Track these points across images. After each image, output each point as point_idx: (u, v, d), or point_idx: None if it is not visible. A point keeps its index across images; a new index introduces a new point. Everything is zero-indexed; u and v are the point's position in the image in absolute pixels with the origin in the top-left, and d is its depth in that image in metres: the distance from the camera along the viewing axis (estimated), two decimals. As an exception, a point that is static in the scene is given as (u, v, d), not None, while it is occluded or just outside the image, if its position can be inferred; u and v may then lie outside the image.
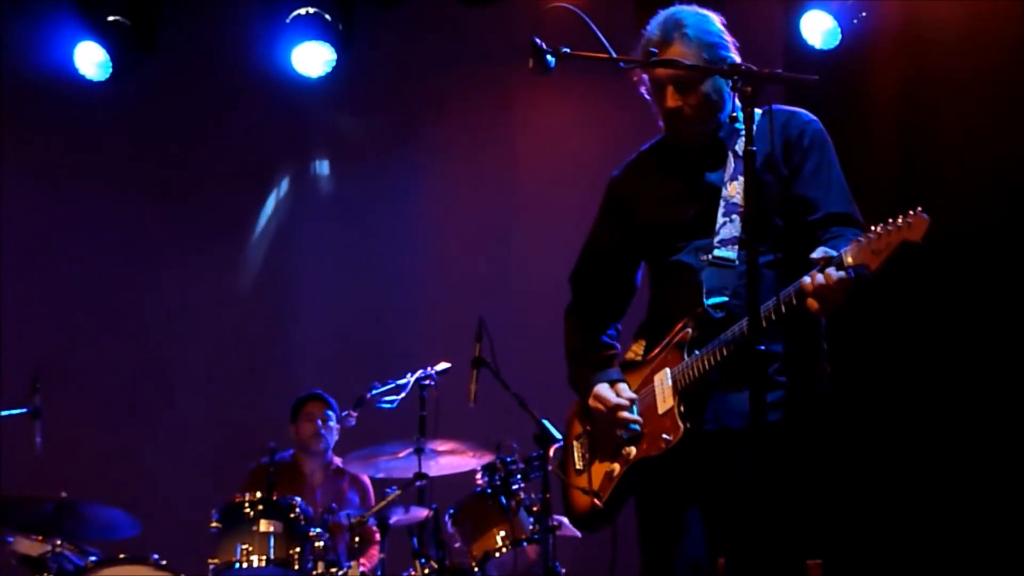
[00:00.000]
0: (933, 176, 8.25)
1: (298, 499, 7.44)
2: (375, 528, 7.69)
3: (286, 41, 9.63)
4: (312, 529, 7.35)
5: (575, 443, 4.93)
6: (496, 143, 10.02)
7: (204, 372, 10.00)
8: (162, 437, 9.75)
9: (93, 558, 7.31)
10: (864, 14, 8.81)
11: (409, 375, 7.59)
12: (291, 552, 7.23)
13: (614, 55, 4.37)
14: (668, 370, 4.50)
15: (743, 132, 4.46)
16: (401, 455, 7.60)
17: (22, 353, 9.54)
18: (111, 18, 9.47)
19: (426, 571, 7.28)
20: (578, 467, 4.85)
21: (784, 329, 4.39)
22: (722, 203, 4.53)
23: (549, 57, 4.48)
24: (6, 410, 7.58)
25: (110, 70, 9.58)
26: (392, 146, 10.26)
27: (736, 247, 4.46)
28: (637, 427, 4.54)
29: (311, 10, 9.43)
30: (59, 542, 7.26)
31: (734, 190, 4.52)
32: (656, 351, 4.61)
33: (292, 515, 7.30)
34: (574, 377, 4.88)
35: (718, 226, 4.51)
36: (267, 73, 9.88)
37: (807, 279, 4.06)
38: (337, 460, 8.56)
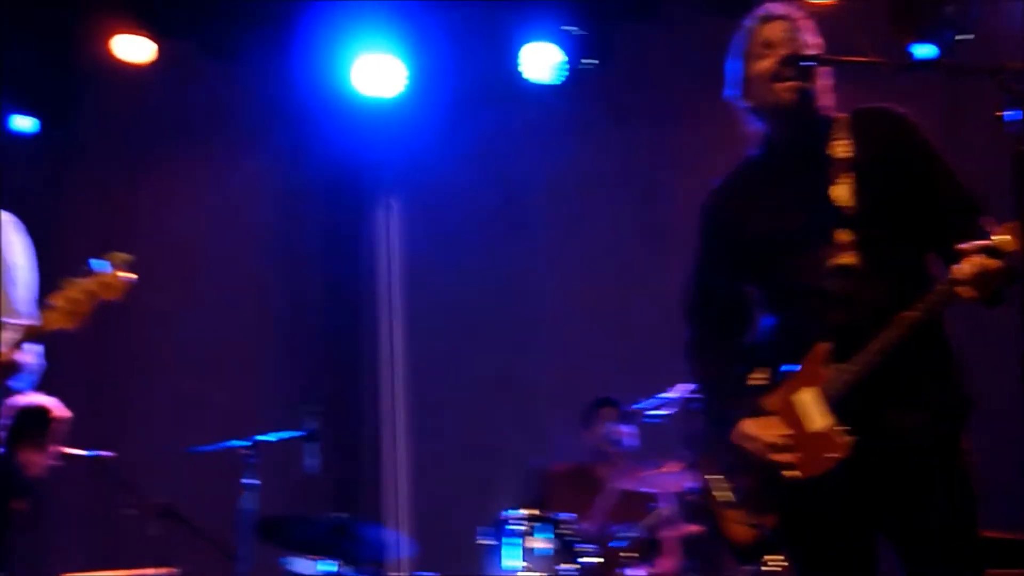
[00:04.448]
0: None
1: (571, 515, 7.46)
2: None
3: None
4: (584, 546, 7.38)
5: (716, 478, 4.69)
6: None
7: (469, 390, 10.14)
8: (434, 455, 9.89)
9: (369, 578, 7.45)
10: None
11: (676, 389, 7.54)
12: (563, 570, 7.26)
13: (866, 58, 4.30)
14: (812, 387, 4.33)
15: (828, 134, 4.46)
16: (669, 470, 7.57)
17: (296, 376, 9.82)
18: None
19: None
20: (729, 501, 4.63)
21: (925, 337, 4.27)
22: (831, 207, 4.38)
23: (802, 64, 4.45)
24: (283, 432, 7.77)
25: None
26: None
27: (854, 251, 4.32)
28: (791, 461, 4.34)
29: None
30: (335, 563, 7.42)
31: (839, 192, 4.38)
32: (790, 370, 4.43)
33: (564, 532, 7.34)
34: (711, 408, 4.74)
35: (833, 232, 4.36)
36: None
37: (963, 265, 3.97)
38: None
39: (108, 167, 10.85)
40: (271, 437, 7.73)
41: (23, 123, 10.30)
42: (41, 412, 7.36)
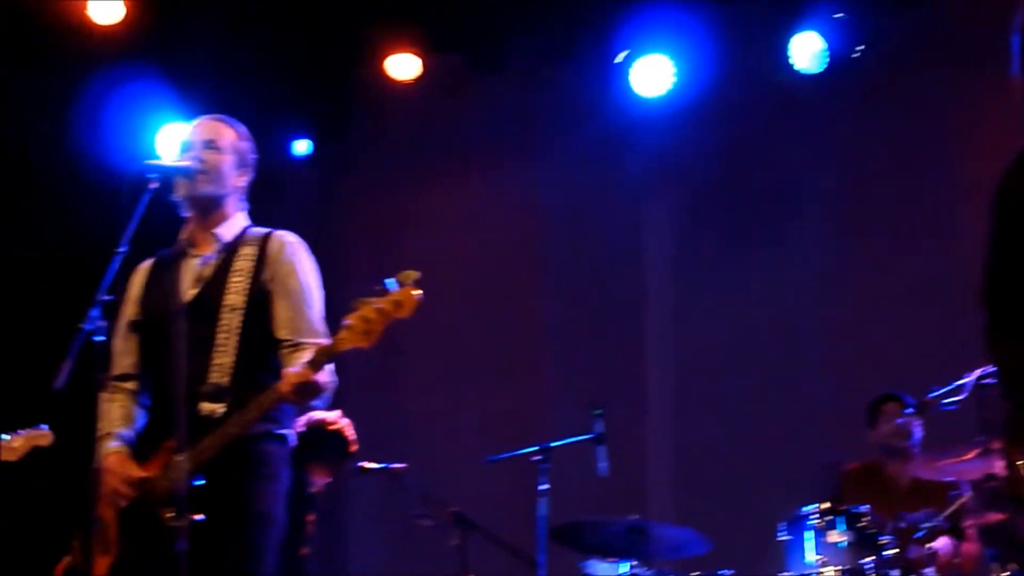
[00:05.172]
0: None
1: (867, 507, 7.35)
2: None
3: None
4: (882, 537, 7.27)
5: (1022, 464, 4.34)
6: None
7: (745, 385, 10.10)
8: (719, 454, 9.87)
9: (667, 578, 7.47)
10: None
11: (969, 375, 7.35)
12: (862, 562, 7.18)
13: None
14: None
15: None
16: (967, 457, 7.39)
17: (575, 380, 9.91)
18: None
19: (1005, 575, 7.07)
20: None
21: None
22: None
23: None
24: (573, 437, 7.81)
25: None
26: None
27: None
28: None
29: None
30: (632, 563, 7.45)
31: None
32: None
33: (861, 524, 7.25)
34: (1014, 395, 4.36)
35: None
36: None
37: None
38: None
39: (380, 185, 11.08)
40: (560, 442, 7.79)
41: (301, 147, 10.61)
42: (337, 437, 7.49)
